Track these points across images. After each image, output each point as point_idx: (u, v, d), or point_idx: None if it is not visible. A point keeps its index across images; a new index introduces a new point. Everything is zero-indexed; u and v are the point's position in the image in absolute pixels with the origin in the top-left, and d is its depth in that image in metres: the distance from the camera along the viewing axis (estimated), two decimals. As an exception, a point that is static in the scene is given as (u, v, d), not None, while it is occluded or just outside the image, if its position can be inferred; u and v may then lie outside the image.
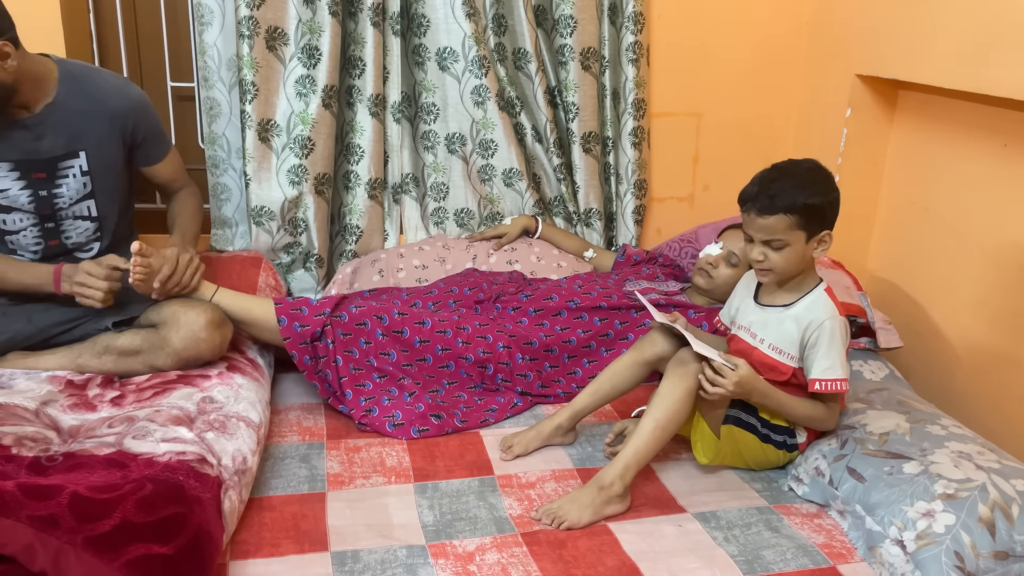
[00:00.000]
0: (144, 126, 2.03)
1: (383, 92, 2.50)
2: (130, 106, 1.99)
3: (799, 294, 1.81)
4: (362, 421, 2.02)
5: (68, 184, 1.94)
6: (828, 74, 2.63)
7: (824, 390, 1.77)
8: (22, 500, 1.32)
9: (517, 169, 2.61)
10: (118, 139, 1.99)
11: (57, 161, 1.91)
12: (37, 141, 1.88)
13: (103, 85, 1.96)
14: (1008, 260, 2.10)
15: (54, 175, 1.92)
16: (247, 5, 2.29)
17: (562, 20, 2.53)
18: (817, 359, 1.77)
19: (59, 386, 1.86)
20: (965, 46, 2.04)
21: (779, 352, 1.81)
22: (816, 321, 1.76)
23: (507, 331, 2.18)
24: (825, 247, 1.76)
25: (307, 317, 2.04)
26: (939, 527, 1.56)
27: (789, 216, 1.70)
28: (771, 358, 1.82)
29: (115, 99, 1.96)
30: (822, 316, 1.76)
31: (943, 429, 1.81)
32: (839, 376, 1.77)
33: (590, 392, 1.95)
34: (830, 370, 1.76)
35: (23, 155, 1.88)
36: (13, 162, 1.87)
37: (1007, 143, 2.10)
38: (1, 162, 1.87)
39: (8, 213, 1.91)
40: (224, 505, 1.53)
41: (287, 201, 2.46)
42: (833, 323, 1.76)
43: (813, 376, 1.78)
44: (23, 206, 1.91)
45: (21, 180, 1.89)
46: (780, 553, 1.63)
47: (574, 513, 1.68)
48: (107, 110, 1.95)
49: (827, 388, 1.77)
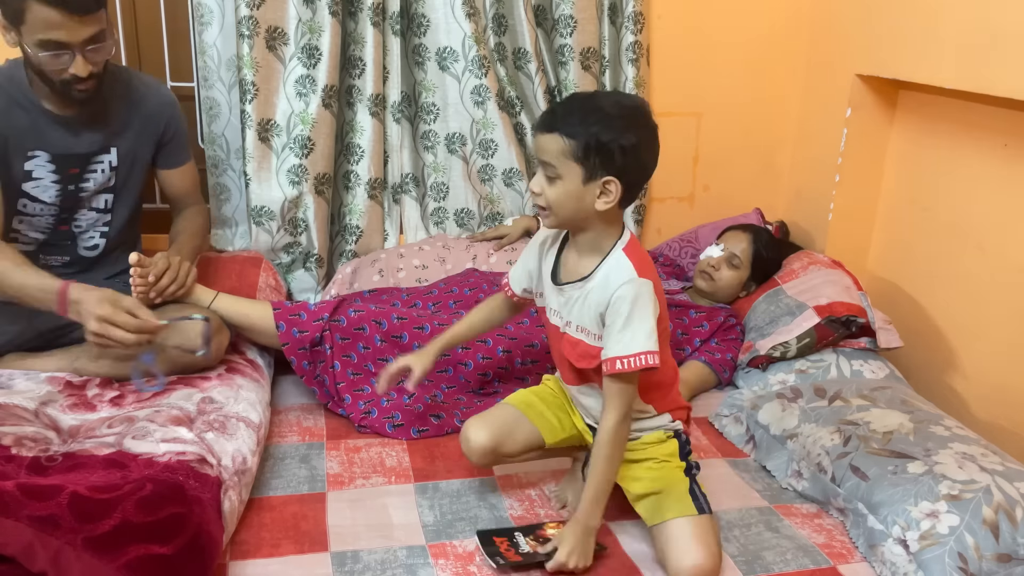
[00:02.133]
0: (173, 126, 2.08)
1: (383, 92, 2.50)
2: (165, 103, 2.05)
3: (596, 259, 1.52)
4: (361, 424, 2.01)
5: (95, 179, 1.97)
6: (828, 74, 2.63)
7: (627, 368, 1.46)
8: (22, 500, 1.32)
9: (517, 169, 2.61)
10: (149, 139, 2.04)
11: (91, 156, 1.95)
12: (76, 136, 1.92)
13: (140, 86, 2.01)
14: (1008, 260, 2.10)
15: (85, 170, 1.95)
16: (247, 5, 2.28)
17: (562, 20, 2.53)
18: (613, 335, 1.47)
19: (58, 386, 1.86)
20: (965, 46, 2.04)
21: (586, 333, 1.54)
22: (610, 291, 1.48)
23: (508, 334, 2.18)
24: (608, 199, 1.45)
25: (305, 322, 2.04)
26: (943, 528, 1.55)
27: (564, 139, 1.42)
28: (581, 342, 1.55)
29: (151, 99, 2.02)
30: (616, 282, 1.47)
31: (946, 430, 1.80)
32: (641, 349, 1.45)
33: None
34: (630, 344, 1.46)
35: (61, 149, 1.91)
36: (52, 155, 1.90)
37: (1007, 143, 2.10)
38: (42, 152, 1.89)
39: (33, 201, 1.93)
40: (224, 505, 1.52)
41: (287, 201, 2.45)
42: (628, 288, 1.46)
43: (611, 355, 1.47)
44: (50, 198, 1.94)
45: (56, 173, 1.92)
46: (780, 553, 1.63)
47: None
48: (144, 110, 2.01)
49: (629, 366, 1.45)
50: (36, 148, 1.89)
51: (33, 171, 1.90)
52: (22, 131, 1.87)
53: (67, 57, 1.75)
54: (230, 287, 2.12)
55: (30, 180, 1.90)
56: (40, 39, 1.72)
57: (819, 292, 2.25)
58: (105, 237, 2.04)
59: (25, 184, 1.90)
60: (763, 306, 2.37)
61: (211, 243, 2.56)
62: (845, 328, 2.19)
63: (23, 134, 1.87)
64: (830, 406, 1.95)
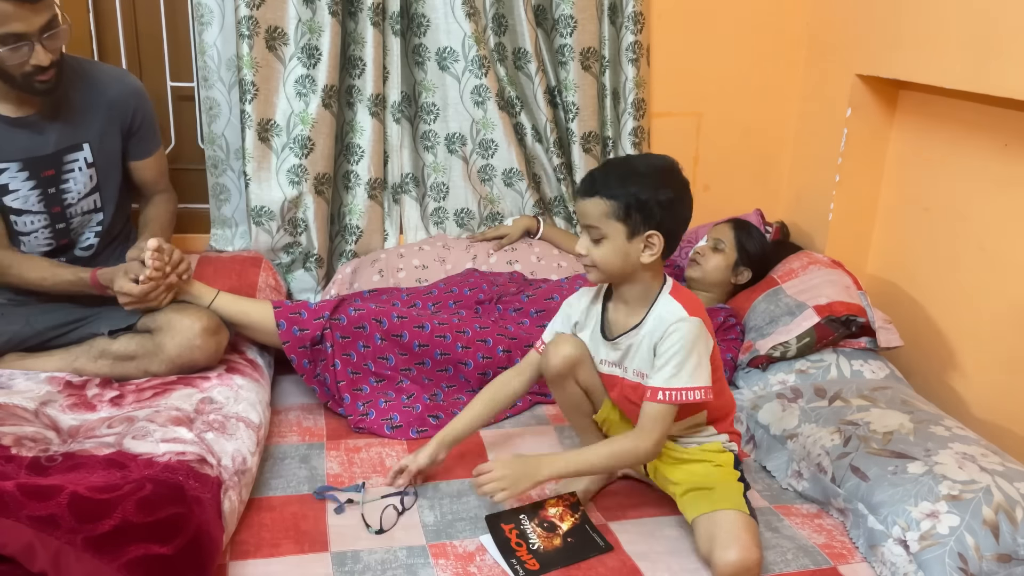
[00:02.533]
0: (141, 113, 2.05)
1: (383, 92, 2.50)
2: (129, 93, 2.02)
3: (644, 307, 1.62)
4: (359, 426, 2.01)
5: (75, 178, 1.94)
6: (828, 74, 2.63)
7: (668, 400, 1.55)
8: (22, 500, 1.32)
9: (517, 169, 2.61)
10: (117, 129, 2.00)
11: (62, 155, 1.92)
12: (41, 136, 1.89)
13: (101, 76, 1.98)
14: (1008, 260, 2.10)
15: (60, 170, 1.93)
16: (247, 5, 2.28)
17: (562, 20, 2.53)
18: (658, 368, 1.57)
19: (58, 386, 1.86)
20: (965, 46, 2.04)
21: (643, 377, 1.63)
22: (661, 330, 1.57)
23: (508, 333, 2.18)
24: (653, 251, 1.55)
25: (306, 321, 2.04)
26: (943, 528, 1.55)
27: (605, 201, 1.54)
28: (640, 385, 1.63)
29: (114, 88, 1.99)
30: (667, 322, 1.57)
31: (947, 430, 1.80)
32: (685, 384, 1.54)
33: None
34: (674, 378, 1.55)
35: (29, 153, 1.88)
36: (21, 161, 1.88)
37: (1008, 143, 2.10)
38: (10, 163, 1.86)
39: (20, 215, 1.91)
40: (224, 505, 1.52)
41: (287, 201, 2.45)
42: (677, 327, 1.56)
43: (654, 385, 1.56)
44: (33, 207, 1.91)
45: (31, 180, 1.89)
46: (781, 554, 1.63)
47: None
48: (106, 99, 1.97)
49: (671, 399, 1.55)
50: (2, 160, 1.86)
51: (8, 184, 1.87)
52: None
53: (26, 48, 1.73)
54: (230, 287, 2.12)
55: (8, 193, 1.87)
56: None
57: (819, 292, 2.25)
58: (99, 236, 2.04)
59: (5, 198, 1.87)
60: (763, 306, 2.37)
61: (211, 243, 2.56)
62: (845, 328, 2.19)
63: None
64: (830, 406, 1.95)
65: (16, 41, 1.72)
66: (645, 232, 1.54)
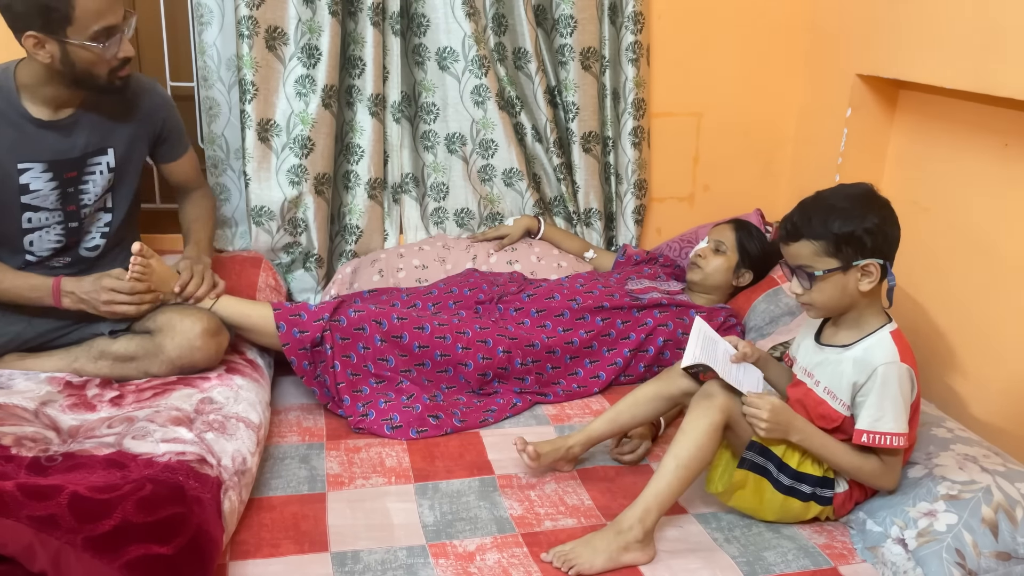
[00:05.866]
0: (170, 123, 2.08)
1: (383, 92, 2.50)
2: (159, 104, 2.04)
3: (860, 334, 1.64)
4: (358, 427, 2.01)
5: (95, 180, 1.95)
6: (828, 74, 2.63)
7: (871, 443, 1.59)
8: (22, 500, 1.32)
9: (517, 169, 2.61)
10: (146, 136, 2.03)
11: (87, 158, 1.93)
12: (69, 139, 1.90)
13: (134, 85, 1.99)
14: (1008, 260, 2.10)
15: (83, 172, 1.94)
16: (247, 5, 2.28)
17: (562, 20, 2.53)
18: (865, 407, 1.60)
19: (58, 387, 1.86)
20: (965, 46, 2.04)
21: (832, 396, 1.65)
22: (871, 365, 1.59)
23: (508, 334, 2.18)
24: (871, 279, 1.58)
25: (306, 323, 2.04)
26: (940, 526, 1.56)
27: (813, 242, 1.57)
28: (824, 402, 1.66)
29: (146, 98, 2.01)
30: (878, 360, 1.59)
31: (948, 432, 1.81)
32: (889, 430, 1.58)
33: (607, 420, 1.85)
34: (879, 421, 1.58)
35: (56, 156, 1.89)
36: (46, 163, 1.88)
37: (1008, 143, 2.10)
38: (35, 163, 1.87)
39: (36, 212, 1.91)
40: (224, 505, 1.52)
41: (287, 201, 2.45)
42: (889, 369, 1.58)
43: (859, 427, 1.61)
44: (50, 205, 1.92)
45: (53, 181, 1.90)
46: (781, 554, 1.63)
47: (586, 557, 1.54)
48: (139, 109, 1.99)
49: (874, 441, 1.59)
50: (28, 160, 1.86)
51: (30, 183, 1.87)
52: (10, 146, 1.84)
53: (116, 41, 1.76)
54: (230, 287, 2.11)
55: (28, 192, 1.88)
56: (95, 31, 1.72)
57: (819, 292, 2.25)
58: (105, 237, 2.04)
59: (24, 196, 1.88)
60: (763, 306, 2.37)
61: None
62: (845, 328, 2.18)
63: (12, 149, 1.84)
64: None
65: (109, 35, 1.75)
66: (860, 262, 1.57)
